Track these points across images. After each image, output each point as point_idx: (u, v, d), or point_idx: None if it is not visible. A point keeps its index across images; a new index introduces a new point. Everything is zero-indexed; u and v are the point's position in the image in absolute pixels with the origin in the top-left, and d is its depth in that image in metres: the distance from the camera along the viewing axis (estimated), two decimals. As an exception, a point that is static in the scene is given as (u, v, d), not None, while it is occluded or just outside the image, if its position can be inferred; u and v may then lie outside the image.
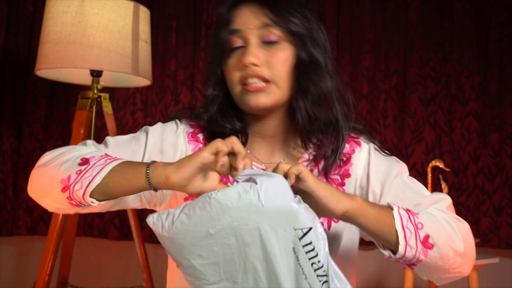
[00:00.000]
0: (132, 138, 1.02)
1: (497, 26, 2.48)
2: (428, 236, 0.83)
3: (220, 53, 0.96)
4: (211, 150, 0.76)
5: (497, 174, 2.43)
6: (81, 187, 0.83)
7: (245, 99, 0.94)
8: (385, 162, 1.01)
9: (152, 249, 2.49)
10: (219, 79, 0.98)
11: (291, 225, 0.71)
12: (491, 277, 2.39)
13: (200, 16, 2.57)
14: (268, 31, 0.93)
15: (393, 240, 0.82)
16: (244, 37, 0.94)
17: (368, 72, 2.53)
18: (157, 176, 0.79)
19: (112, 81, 2.09)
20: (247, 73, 0.93)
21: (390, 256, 0.85)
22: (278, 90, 0.95)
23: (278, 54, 0.94)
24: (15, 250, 2.56)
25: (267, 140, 1.02)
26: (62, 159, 0.88)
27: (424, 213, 0.87)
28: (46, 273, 1.75)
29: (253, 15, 0.93)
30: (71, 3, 1.77)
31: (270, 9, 0.93)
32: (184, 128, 1.04)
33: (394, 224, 0.82)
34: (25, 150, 2.48)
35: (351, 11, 2.57)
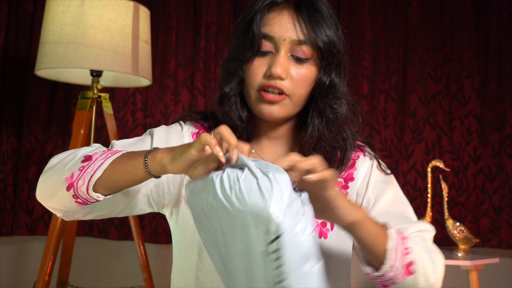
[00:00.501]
0: (137, 141, 1.01)
1: (497, 26, 2.48)
2: (411, 263, 0.85)
3: (247, 52, 0.94)
4: (197, 147, 0.74)
5: (497, 174, 2.43)
6: (84, 182, 0.83)
7: (259, 106, 0.95)
8: (383, 177, 1.04)
9: (152, 249, 2.49)
10: (240, 77, 0.97)
11: (261, 227, 0.67)
12: (491, 277, 2.39)
13: (200, 16, 2.57)
14: (300, 48, 0.92)
15: (381, 258, 0.84)
16: (276, 46, 0.93)
17: (368, 72, 2.53)
18: (155, 167, 0.80)
19: (112, 81, 2.10)
20: (270, 83, 0.92)
21: (369, 273, 0.87)
22: (292, 104, 0.95)
23: (302, 72, 0.93)
24: (15, 250, 2.56)
25: (273, 142, 1.03)
26: (67, 160, 0.88)
27: (412, 239, 0.88)
28: (46, 273, 1.75)
29: (290, 25, 0.92)
30: (71, 3, 1.77)
31: (307, 24, 0.92)
32: (189, 129, 1.04)
33: (387, 243, 0.83)
34: (25, 150, 2.48)
35: (351, 11, 2.57)
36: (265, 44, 0.93)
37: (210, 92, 2.54)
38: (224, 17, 2.58)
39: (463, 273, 2.23)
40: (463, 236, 2.07)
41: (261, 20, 0.93)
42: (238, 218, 0.69)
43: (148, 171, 0.81)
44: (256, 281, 0.71)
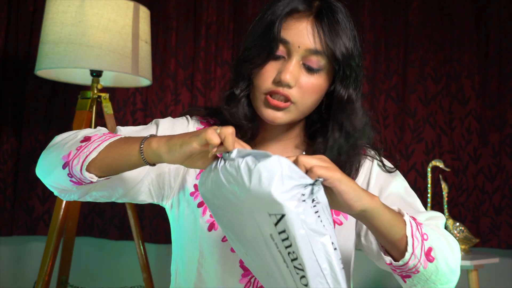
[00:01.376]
0: (142, 129, 1.01)
1: (497, 26, 2.48)
2: (431, 249, 0.83)
3: (260, 55, 0.93)
4: (200, 141, 0.73)
5: (497, 174, 2.43)
6: (78, 161, 0.83)
7: (264, 111, 0.94)
8: (385, 173, 1.03)
9: (152, 249, 2.49)
10: (250, 79, 0.96)
11: (266, 210, 0.69)
12: (491, 277, 2.39)
13: (200, 16, 2.57)
14: (313, 57, 0.91)
15: (401, 246, 0.82)
16: (289, 51, 0.92)
17: (368, 72, 2.53)
18: (150, 155, 0.79)
19: (112, 81, 2.10)
20: (277, 89, 0.92)
21: (391, 262, 0.84)
22: (298, 112, 0.95)
23: (311, 81, 0.92)
24: (15, 250, 2.56)
25: (277, 140, 1.03)
26: (68, 139, 0.89)
27: (426, 226, 0.87)
28: (46, 273, 1.75)
29: (308, 33, 0.91)
30: (71, 3, 1.77)
31: (327, 34, 0.91)
32: (194, 123, 1.04)
33: (405, 230, 0.81)
34: (25, 150, 2.48)
35: (351, 11, 2.56)
36: (280, 49, 0.92)
37: (210, 92, 2.54)
38: (224, 17, 2.58)
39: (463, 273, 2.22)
40: (463, 236, 2.07)
41: (281, 25, 0.92)
42: (244, 206, 0.71)
43: (143, 158, 0.80)
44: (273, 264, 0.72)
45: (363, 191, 0.78)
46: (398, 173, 1.05)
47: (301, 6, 0.92)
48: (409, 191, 1.02)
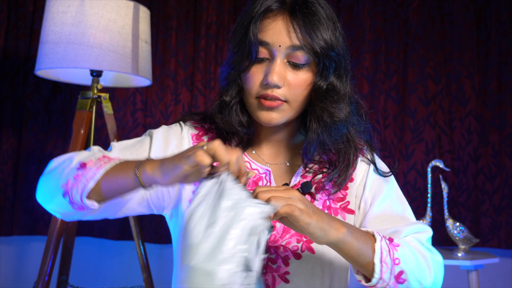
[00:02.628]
0: (136, 142, 1.02)
1: (497, 26, 2.48)
2: (402, 272, 0.87)
3: (244, 60, 0.93)
4: (191, 163, 0.75)
5: (497, 174, 2.43)
6: (78, 191, 0.86)
7: (258, 113, 0.94)
8: (380, 179, 1.03)
9: (152, 249, 2.49)
10: (239, 85, 0.96)
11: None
12: (491, 277, 2.39)
13: (200, 16, 2.57)
14: (296, 53, 0.91)
15: (369, 269, 0.87)
16: (271, 52, 0.92)
17: (368, 72, 2.53)
18: (145, 180, 0.82)
19: (112, 81, 2.09)
20: (266, 92, 0.92)
21: (360, 280, 0.89)
22: (291, 109, 0.94)
23: (299, 77, 0.92)
24: (15, 250, 2.56)
25: (273, 143, 1.03)
26: (64, 165, 0.91)
27: (404, 246, 0.90)
28: (46, 273, 1.75)
29: (285, 31, 0.90)
30: (71, 3, 1.77)
31: (303, 29, 0.90)
32: (189, 130, 1.04)
33: (373, 257, 0.86)
34: (25, 150, 2.48)
35: (351, 11, 2.57)
36: (261, 51, 0.92)
37: (210, 92, 2.55)
38: (224, 17, 2.58)
39: (463, 273, 2.23)
40: (463, 236, 2.07)
41: (257, 27, 0.91)
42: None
43: (139, 184, 0.82)
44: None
45: (330, 225, 0.82)
46: (392, 179, 1.05)
47: (275, 4, 0.92)
48: (401, 199, 1.03)
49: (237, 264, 0.71)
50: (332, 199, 0.99)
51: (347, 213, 0.99)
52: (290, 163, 1.03)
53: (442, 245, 2.43)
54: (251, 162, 1.02)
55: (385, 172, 1.03)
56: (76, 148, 1.84)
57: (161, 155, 0.99)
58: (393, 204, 1.00)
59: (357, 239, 0.85)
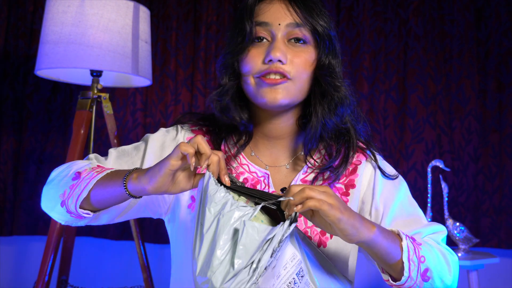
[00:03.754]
0: (133, 149, 1.02)
1: (497, 26, 2.48)
2: (427, 270, 0.88)
3: (241, 43, 0.92)
4: (176, 155, 0.76)
5: (497, 174, 2.43)
6: (72, 201, 0.88)
7: (262, 92, 0.92)
8: (391, 182, 1.02)
9: (152, 249, 2.49)
10: (236, 70, 0.95)
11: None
12: (491, 277, 2.39)
13: (200, 16, 2.57)
14: (297, 30, 0.92)
15: (397, 269, 0.86)
16: (272, 32, 0.92)
17: (368, 72, 2.53)
18: (134, 188, 0.82)
19: (112, 81, 2.09)
20: (270, 68, 0.90)
21: (388, 280, 0.89)
22: (295, 88, 0.93)
23: (301, 55, 0.92)
24: (15, 250, 2.56)
25: (273, 143, 1.01)
26: (62, 175, 0.93)
27: (426, 245, 0.91)
28: (46, 273, 1.75)
29: (284, 11, 0.92)
30: (71, 3, 1.77)
31: (301, 7, 0.92)
32: (185, 134, 1.04)
33: (401, 255, 0.85)
34: (25, 150, 2.48)
35: (351, 11, 2.57)
36: (260, 31, 0.92)
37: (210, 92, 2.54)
38: (224, 17, 2.58)
39: (463, 273, 2.23)
40: (463, 236, 2.07)
41: (252, 10, 0.92)
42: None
43: (127, 193, 0.83)
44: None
45: (362, 224, 0.81)
46: (400, 181, 1.03)
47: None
48: (412, 202, 1.03)
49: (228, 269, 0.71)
50: None
51: None
52: (290, 166, 1.01)
53: (442, 245, 2.43)
54: (249, 165, 1.00)
55: (392, 175, 1.02)
56: (76, 148, 1.84)
57: (155, 160, 0.99)
58: (404, 208, 1.00)
59: (386, 238, 0.85)
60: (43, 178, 2.50)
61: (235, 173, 0.99)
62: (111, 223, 0.98)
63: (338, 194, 0.99)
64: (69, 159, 1.84)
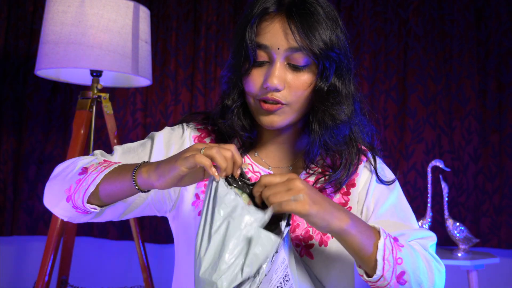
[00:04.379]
0: (139, 146, 1.02)
1: (497, 26, 2.48)
2: (404, 273, 0.86)
3: (244, 64, 0.92)
4: (189, 165, 0.75)
5: (497, 174, 2.43)
6: (79, 196, 0.87)
7: (260, 117, 0.94)
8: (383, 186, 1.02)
9: (152, 249, 2.49)
10: (240, 87, 0.95)
11: None
12: (491, 277, 2.39)
13: (200, 16, 2.57)
14: (295, 55, 0.89)
15: (370, 265, 0.85)
16: (271, 55, 0.90)
17: (368, 72, 2.53)
18: (143, 182, 0.82)
19: (112, 81, 2.10)
20: (267, 96, 0.91)
21: (362, 275, 0.88)
22: (293, 112, 0.93)
23: (300, 78, 0.91)
24: (15, 250, 2.56)
25: (277, 146, 1.02)
26: (68, 170, 0.92)
27: (408, 248, 0.89)
28: (46, 273, 1.75)
29: (283, 33, 0.89)
30: (71, 3, 1.77)
31: (300, 30, 0.88)
32: (191, 132, 1.04)
33: (376, 253, 0.84)
34: (25, 150, 2.48)
35: (351, 11, 2.57)
36: (260, 54, 0.91)
37: (210, 92, 2.55)
38: (224, 17, 2.58)
39: (463, 273, 2.23)
40: (463, 236, 2.07)
41: (255, 30, 0.90)
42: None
43: (136, 188, 0.83)
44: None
45: (333, 215, 0.80)
46: (396, 185, 1.03)
47: (272, 6, 0.90)
48: (404, 205, 1.02)
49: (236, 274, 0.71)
50: None
51: None
52: (293, 167, 1.02)
53: (442, 245, 2.43)
54: (253, 165, 1.01)
55: (387, 180, 1.02)
56: (76, 148, 1.84)
57: (162, 158, 0.99)
58: (396, 211, 0.99)
59: (361, 232, 0.84)
60: (43, 178, 2.49)
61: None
62: (114, 220, 0.98)
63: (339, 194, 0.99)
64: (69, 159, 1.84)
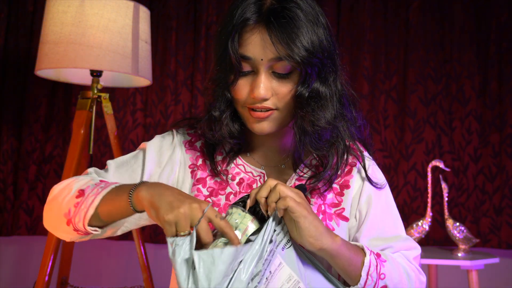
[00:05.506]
0: (131, 158, 1.03)
1: (497, 26, 2.48)
2: (385, 287, 0.90)
3: (228, 75, 0.92)
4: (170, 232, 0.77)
5: (497, 174, 2.43)
6: (79, 219, 0.89)
7: (251, 125, 0.94)
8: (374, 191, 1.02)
9: (152, 249, 2.49)
10: (227, 99, 0.94)
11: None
12: (491, 277, 2.39)
13: (200, 16, 2.57)
14: (279, 64, 0.89)
15: (355, 280, 0.88)
16: (255, 66, 0.90)
17: (368, 72, 2.53)
18: (139, 206, 0.84)
19: (112, 81, 2.10)
20: (255, 105, 0.91)
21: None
22: (283, 116, 0.93)
23: (286, 85, 0.91)
24: (15, 250, 2.56)
25: (268, 145, 1.02)
26: (64, 193, 0.93)
27: (390, 262, 0.92)
28: (46, 273, 1.75)
29: (264, 43, 0.88)
30: (71, 3, 1.77)
31: (280, 39, 0.86)
32: (181, 138, 1.05)
33: (360, 268, 0.88)
34: (25, 150, 2.48)
35: (351, 11, 2.57)
36: (245, 65, 0.90)
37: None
38: (224, 17, 2.58)
39: (463, 273, 2.23)
40: (463, 236, 2.07)
41: (237, 42, 0.89)
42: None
43: (134, 209, 0.85)
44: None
45: (326, 231, 0.84)
46: (385, 191, 1.03)
47: (252, 16, 0.89)
48: (392, 211, 1.02)
49: None
50: (327, 204, 0.98)
51: (342, 219, 0.98)
52: (286, 165, 1.02)
53: (442, 245, 2.43)
54: (245, 165, 1.02)
55: (378, 183, 1.01)
56: (76, 148, 1.84)
57: (155, 167, 1.01)
58: (384, 217, 1.00)
59: (349, 250, 0.87)
60: (43, 178, 2.50)
61: (231, 173, 1.01)
62: (114, 235, 0.99)
63: (333, 194, 0.99)
64: (69, 159, 1.84)
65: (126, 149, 2.50)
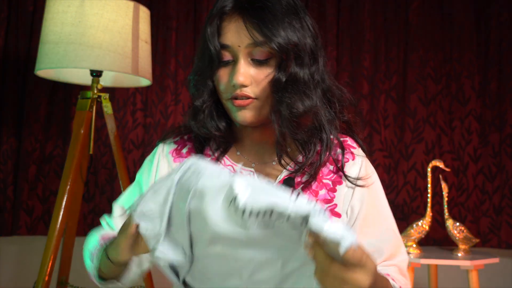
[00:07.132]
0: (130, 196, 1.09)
1: (497, 26, 2.48)
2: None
3: (210, 64, 0.94)
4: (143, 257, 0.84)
5: (497, 174, 2.43)
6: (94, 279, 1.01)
7: (234, 115, 0.95)
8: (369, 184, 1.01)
9: (152, 249, 2.49)
10: (210, 89, 0.96)
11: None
12: (491, 277, 2.39)
13: (200, 16, 2.57)
14: (257, 50, 0.91)
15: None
16: (234, 54, 0.92)
17: (368, 72, 2.53)
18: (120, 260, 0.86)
19: (112, 81, 2.10)
20: (236, 93, 0.92)
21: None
22: (263, 106, 0.94)
23: (265, 72, 0.92)
24: (15, 250, 2.56)
25: (257, 142, 1.02)
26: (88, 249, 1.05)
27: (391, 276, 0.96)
28: (46, 273, 1.75)
29: (242, 30, 0.91)
30: (71, 3, 1.77)
31: (256, 25, 0.89)
32: (167, 149, 1.05)
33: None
34: (25, 150, 2.48)
35: (351, 11, 2.57)
36: (225, 54, 0.93)
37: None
38: (224, 17, 2.58)
39: (463, 273, 2.23)
40: (463, 236, 2.07)
41: (216, 31, 0.92)
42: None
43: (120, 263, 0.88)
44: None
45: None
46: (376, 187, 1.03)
47: (229, 4, 0.92)
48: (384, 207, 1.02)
49: None
50: (320, 200, 0.98)
51: (334, 216, 0.98)
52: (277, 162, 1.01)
53: (442, 245, 2.43)
54: (233, 165, 1.01)
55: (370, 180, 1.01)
56: (76, 148, 1.84)
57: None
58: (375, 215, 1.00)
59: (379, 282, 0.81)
60: (43, 178, 2.50)
61: None
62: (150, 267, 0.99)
63: (325, 190, 0.99)
64: (69, 159, 1.84)
65: (126, 149, 2.50)
